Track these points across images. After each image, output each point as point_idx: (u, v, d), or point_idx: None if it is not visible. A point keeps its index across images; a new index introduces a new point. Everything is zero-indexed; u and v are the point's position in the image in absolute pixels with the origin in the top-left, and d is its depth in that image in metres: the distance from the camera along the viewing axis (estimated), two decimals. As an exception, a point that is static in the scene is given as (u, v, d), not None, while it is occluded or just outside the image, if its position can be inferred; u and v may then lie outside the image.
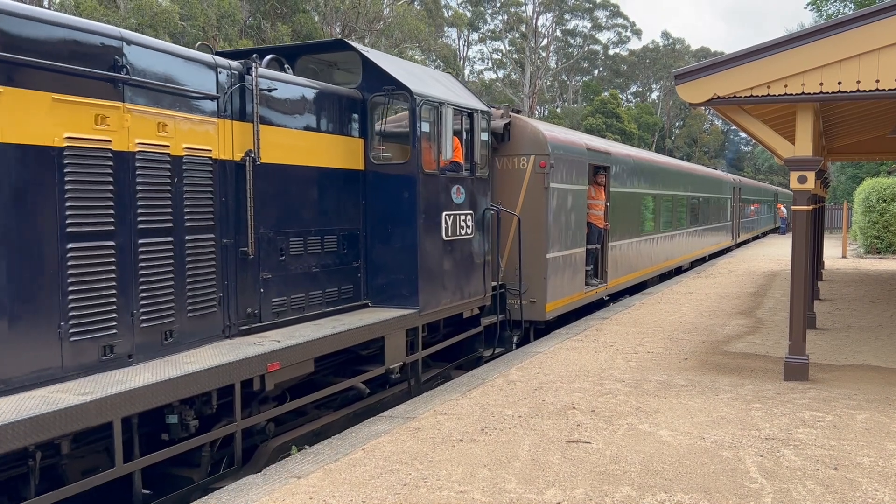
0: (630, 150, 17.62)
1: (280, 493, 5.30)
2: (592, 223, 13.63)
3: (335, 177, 8.07)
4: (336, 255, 8.14)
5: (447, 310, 9.15)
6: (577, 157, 12.59)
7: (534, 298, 11.43)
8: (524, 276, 11.05)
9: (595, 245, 13.83)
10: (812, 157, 8.45)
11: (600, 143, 15.06)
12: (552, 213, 11.59)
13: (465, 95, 9.79)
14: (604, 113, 60.97)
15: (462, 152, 9.33)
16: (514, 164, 11.52)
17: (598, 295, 14.18)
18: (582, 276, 13.09)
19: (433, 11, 50.50)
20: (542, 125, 12.03)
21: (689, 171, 23.41)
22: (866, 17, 7.65)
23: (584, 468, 5.80)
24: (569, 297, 12.52)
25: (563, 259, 12.11)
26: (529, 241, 11.24)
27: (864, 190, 30.15)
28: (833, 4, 36.32)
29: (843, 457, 6.08)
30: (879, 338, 11.40)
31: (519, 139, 11.52)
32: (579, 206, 12.82)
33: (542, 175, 11.34)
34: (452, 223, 9.03)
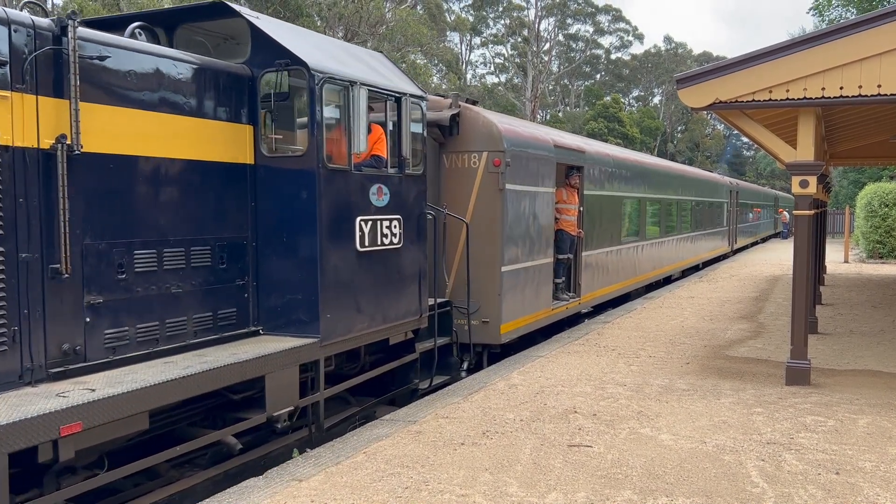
0: (609, 149, 15.88)
1: (281, 496, 5.31)
2: (564, 230, 12.27)
3: (210, 172, 6.41)
4: (211, 270, 6.44)
5: (363, 337, 7.45)
6: (541, 155, 11.11)
7: (486, 318, 9.85)
8: (474, 292, 9.62)
9: (567, 255, 12.39)
10: (814, 161, 8.45)
11: (572, 140, 13.31)
12: (508, 219, 10.07)
13: (393, 77, 8.12)
14: (606, 117, 60.99)
15: (386, 145, 7.81)
16: (464, 162, 9.95)
17: (569, 311, 12.68)
18: (549, 290, 11.64)
19: (436, 16, 50.57)
20: (496, 117, 10.46)
21: (679, 172, 21.92)
22: (868, 21, 7.66)
23: (586, 472, 5.80)
24: (531, 316, 10.99)
25: (523, 272, 10.58)
26: (481, 251, 9.78)
27: (866, 195, 30.14)
28: (835, 9, 36.34)
29: (845, 461, 6.07)
30: (881, 342, 11.38)
31: (469, 133, 9.93)
32: (545, 210, 11.34)
33: (495, 175, 9.80)
34: (371, 230, 7.37)
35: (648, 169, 17.97)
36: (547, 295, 11.59)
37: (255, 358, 6.13)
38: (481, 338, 10.00)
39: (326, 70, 6.82)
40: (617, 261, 15.23)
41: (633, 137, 60.60)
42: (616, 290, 15.38)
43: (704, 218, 24.77)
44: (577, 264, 12.92)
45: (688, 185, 22.18)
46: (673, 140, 79.13)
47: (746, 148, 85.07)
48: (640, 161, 17.73)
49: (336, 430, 7.49)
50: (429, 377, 9.00)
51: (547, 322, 11.66)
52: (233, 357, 6.04)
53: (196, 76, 6.31)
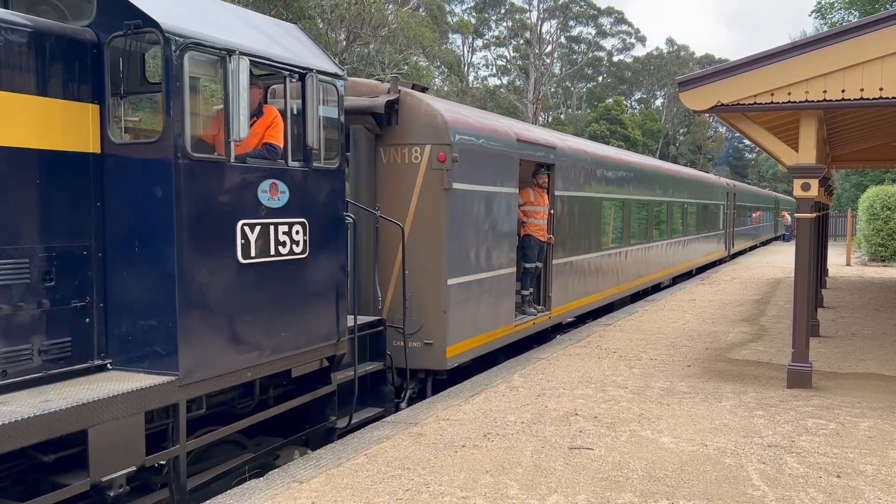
0: (587, 145, 14.27)
1: (282, 498, 5.31)
2: (531, 236, 11.02)
3: (29, 163, 5.03)
4: (29, 289, 5.01)
5: (247, 372, 5.85)
6: (500, 150, 9.74)
7: (429, 339, 8.55)
8: (414, 308, 8.47)
9: (535, 263, 11.16)
10: (816, 164, 8.46)
11: (540, 134, 11.74)
12: (456, 224, 8.71)
13: (300, 50, 6.61)
14: (608, 119, 60.99)
15: (284, 131, 6.34)
16: (403, 157, 8.60)
17: (537, 327, 11.31)
18: (511, 304, 10.29)
19: (438, 18, 50.61)
20: (443, 104, 9.07)
21: (669, 172, 20.38)
22: (870, 25, 7.67)
23: (587, 475, 5.80)
24: (487, 335, 9.60)
25: (476, 284, 9.28)
26: (422, 261, 8.50)
27: (868, 197, 30.12)
28: (838, 12, 36.34)
29: (846, 465, 6.07)
30: (883, 346, 11.38)
31: (410, 123, 8.58)
32: (505, 213, 9.99)
33: (440, 172, 8.48)
34: (261, 238, 5.88)
35: (634, 168, 16.62)
36: (508, 310, 10.21)
37: (70, 408, 4.57)
38: (423, 362, 8.62)
39: (189, 34, 5.34)
40: (596, 269, 13.85)
41: (635, 140, 60.61)
42: (595, 301, 13.99)
43: (698, 221, 23.45)
44: (547, 274, 11.61)
45: (679, 186, 20.88)
46: (675, 142, 79.12)
47: (748, 150, 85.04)
48: (623, 160, 16.27)
49: (221, 481, 6.11)
50: (352, 413, 7.41)
51: (509, 340, 10.33)
52: (38, 407, 4.50)
53: (11, 39, 4.91)
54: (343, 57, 36.75)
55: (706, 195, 24.69)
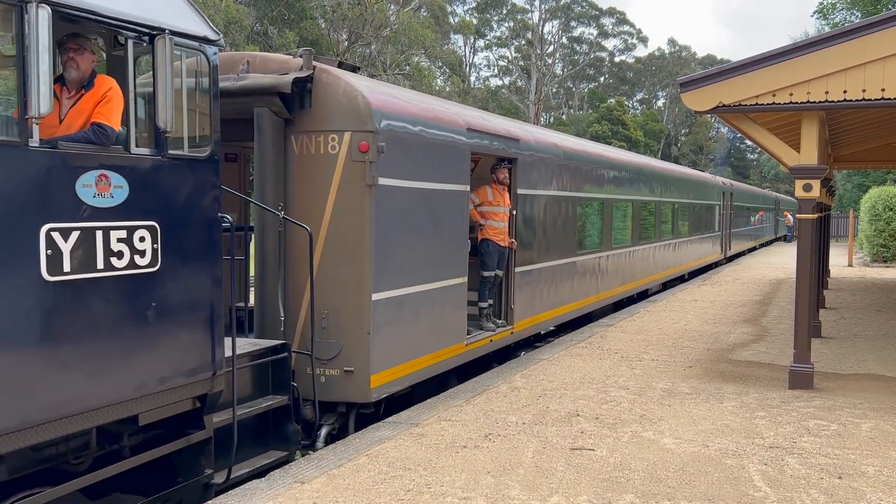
0: (558, 138, 12.62)
1: (284, 498, 5.32)
2: (490, 240, 9.63)
3: None
4: None
5: (60, 425, 4.43)
6: (443, 140, 8.34)
7: (350, 366, 7.12)
8: (332, 328, 7.13)
9: (493, 272, 9.75)
10: (817, 165, 8.45)
11: (500, 124, 10.18)
12: (384, 227, 7.30)
13: (150, 4, 5.11)
14: (610, 120, 61.02)
15: (125, 110, 4.94)
16: (318, 147, 7.20)
17: (495, 344, 9.83)
18: (461, 320, 8.88)
19: (439, 18, 50.66)
20: (367, 83, 7.65)
21: (658, 170, 18.82)
22: (872, 26, 7.67)
23: (588, 475, 5.80)
24: (429, 358, 8.21)
25: (412, 299, 7.85)
26: (341, 272, 7.16)
27: (870, 198, 30.11)
28: (839, 13, 36.33)
29: (848, 466, 6.07)
30: (885, 347, 11.37)
31: (326, 106, 7.17)
32: (452, 215, 8.59)
33: (362, 165, 7.06)
34: (80, 246, 4.52)
35: (616, 165, 15.05)
36: (458, 326, 8.81)
37: None
38: (342, 393, 7.19)
39: None
40: (570, 276, 12.43)
41: (636, 140, 60.62)
42: (568, 312, 12.57)
43: (691, 222, 21.99)
44: (509, 283, 10.18)
45: (669, 185, 19.40)
46: (677, 143, 79.12)
47: (750, 151, 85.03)
48: (603, 155, 14.62)
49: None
50: (246, 461, 6.23)
51: (460, 362, 8.93)
52: None
53: None
54: (345, 58, 36.79)
55: (700, 195, 23.31)
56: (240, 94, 7.01)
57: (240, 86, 7.03)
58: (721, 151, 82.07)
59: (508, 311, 10.27)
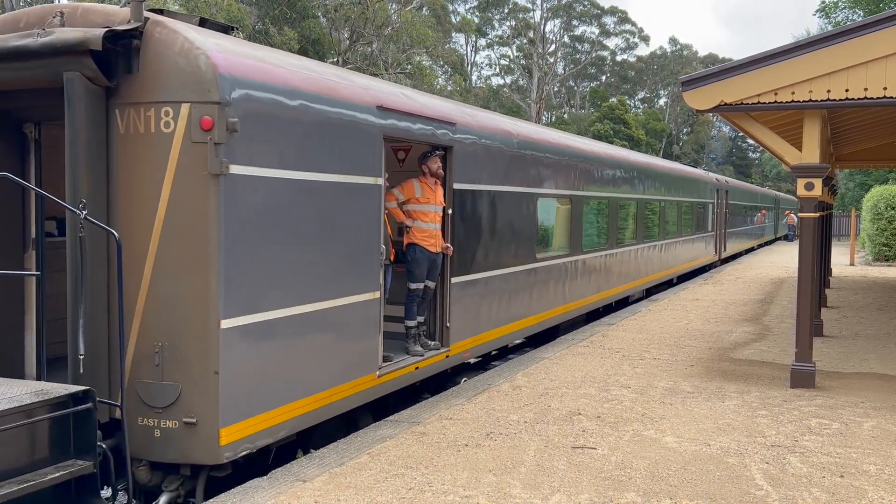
0: (511, 124, 10.73)
1: (285, 497, 5.32)
2: (418, 245, 8.11)
3: None
4: None
5: None
6: (341, 119, 6.66)
7: (191, 416, 5.47)
8: (168, 366, 5.51)
9: (422, 283, 8.22)
10: (819, 164, 8.45)
11: (427, 103, 8.39)
12: (241, 230, 5.66)
13: None
14: (611, 119, 60.98)
15: None
16: (147, 123, 5.56)
17: (424, 371, 8.23)
18: (371, 346, 7.21)
19: (441, 17, 50.64)
20: (215, 39, 5.79)
21: (640, 165, 17.03)
22: (874, 24, 7.66)
23: (590, 474, 5.80)
24: (318, 398, 6.48)
25: (290, 325, 6.17)
26: (178, 288, 5.53)
27: (872, 197, 30.09)
28: (841, 11, 36.30)
29: (850, 464, 6.06)
30: (887, 346, 11.36)
31: (157, 69, 5.55)
32: (357, 215, 6.95)
33: (204, 148, 5.46)
34: None
35: (589, 158, 13.28)
36: (367, 354, 7.16)
37: None
38: (181, 452, 5.53)
39: None
40: (529, 286, 10.78)
41: (638, 139, 60.60)
42: (526, 326, 10.86)
43: (680, 221, 20.47)
44: (443, 297, 8.63)
45: (655, 181, 17.82)
46: (678, 142, 79.09)
47: (752, 150, 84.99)
48: (571, 146, 12.78)
49: None
50: None
51: (369, 398, 7.28)
52: None
53: None
54: (346, 56, 36.81)
55: (691, 192, 21.78)
56: (43, 55, 5.43)
57: (42, 43, 5.42)
58: (720, 150, 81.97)
59: (443, 329, 8.61)
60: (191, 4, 30.12)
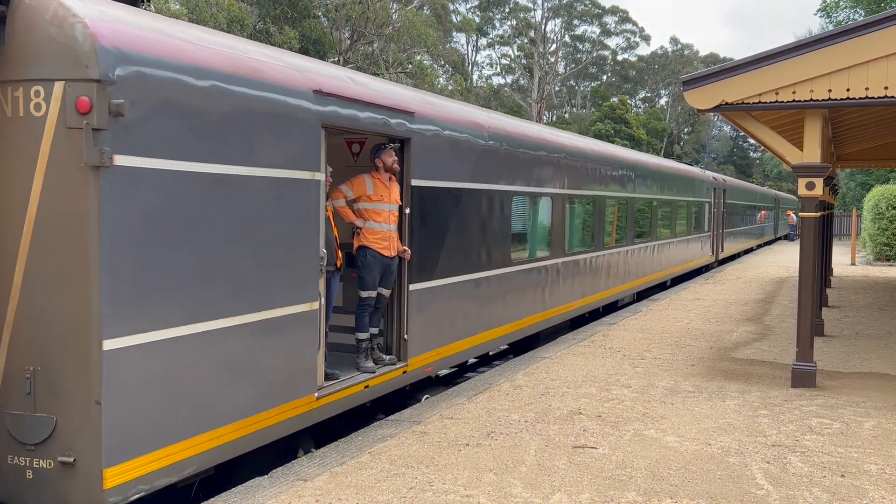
0: (481, 116, 9.76)
1: (286, 496, 5.33)
2: (370, 248, 7.36)
3: None
4: None
5: None
6: (267, 105, 5.81)
7: (68, 454, 4.67)
8: (40, 395, 4.76)
9: (373, 291, 7.45)
10: (820, 163, 8.44)
11: (377, 88, 7.49)
12: (130, 233, 4.85)
13: None
14: (612, 119, 60.98)
15: None
16: (16, 106, 4.79)
17: (376, 390, 7.39)
18: (308, 364, 6.34)
19: (442, 17, 50.64)
20: (99, 6, 4.91)
21: (630, 161, 16.07)
22: (875, 24, 7.66)
23: (590, 473, 5.81)
24: (238, 426, 5.63)
25: (196, 344, 5.28)
26: (50, 304, 4.74)
27: (873, 197, 30.08)
28: (843, 11, 36.28)
29: (851, 464, 6.06)
30: (888, 345, 11.36)
31: (26, 41, 4.76)
32: (289, 214, 6.09)
33: (80, 135, 4.64)
34: None
35: (572, 153, 12.42)
36: (302, 373, 6.27)
37: None
38: (57, 498, 4.73)
39: None
40: (503, 292, 9.95)
41: (639, 139, 60.60)
42: (500, 336, 10.04)
43: (674, 221, 19.67)
44: (400, 306, 7.81)
45: (647, 179, 17.03)
46: (679, 142, 79.08)
47: (753, 149, 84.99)
48: (552, 140, 11.80)
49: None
50: None
51: (307, 422, 6.40)
52: None
53: None
54: (347, 56, 36.82)
55: (686, 191, 20.95)
56: None
57: None
58: (720, 150, 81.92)
59: (400, 342, 7.81)
60: (191, 4, 30.14)
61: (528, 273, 10.81)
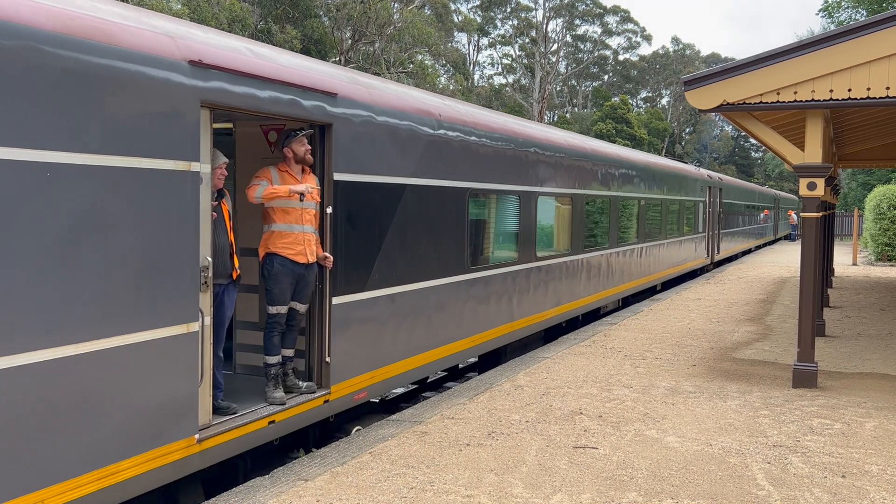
0: (431, 101, 8.56)
1: (287, 496, 5.33)
2: (277, 254, 6.30)
3: None
4: None
5: None
6: (115, 75, 4.66)
7: None
8: None
9: (282, 307, 6.36)
10: (822, 163, 8.44)
11: (285, 62, 6.26)
12: None
13: None
14: (614, 118, 60.97)
15: None
16: None
17: (285, 426, 6.23)
18: (189, 401, 5.24)
19: (443, 16, 50.63)
20: None
21: (613, 157, 14.81)
22: (877, 24, 7.65)
23: (591, 473, 5.80)
24: (88, 480, 4.54)
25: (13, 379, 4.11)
26: None
27: (875, 197, 30.05)
28: (845, 11, 36.26)
29: (852, 465, 6.06)
30: (889, 345, 11.35)
31: None
32: (147, 214, 4.86)
33: None
34: None
35: (543, 146, 11.21)
36: (177, 412, 5.12)
37: None
38: None
39: None
40: (460, 302, 8.91)
41: (640, 139, 60.58)
42: (455, 353, 8.90)
43: (665, 222, 18.64)
44: (321, 324, 6.66)
45: (634, 177, 16.00)
46: (681, 142, 79.05)
47: (755, 149, 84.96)
48: (519, 132, 10.60)
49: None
50: None
51: (190, 469, 5.29)
52: None
53: None
54: (349, 56, 36.82)
55: (678, 189, 19.88)
56: None
57: None
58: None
59: (321, 366, 6.67)
60: (192, 4, 30.15)
61: (491, 280, 9.69)
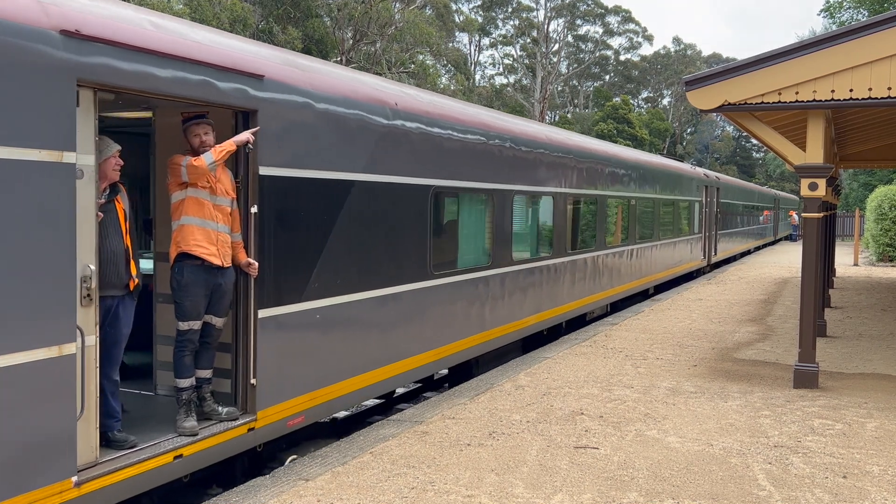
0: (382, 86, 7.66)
1: (288, 496, 5.33)
2: (190, 254, 5.50)
3: None
4: None
5: None
6: None
7: None
8: None
9: (193, 322, 5.55)
10: (823, 164, 8.43)
11: (196, 37, 5.38)
12: None
13: None
14: (615, 118, 60.93)
15: None
16: None
17: (194, 461, 5.36)
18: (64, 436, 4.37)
19: (444, 16, 50.63)
20: None
21: (601, 154, 13.97)
22: (878, 24, 7.64)
23: (592, 474, 5.80)
24: None
25: None
26: None
27: (876, 197, 30.03)
28: (846, 11, 36.24)
29: (853, 465, 6.06)
30: (891, 346, 11.34)
31: None
32: (12, 216, 4.08)
33: None
34: None
35: (519, 140, 10.34)
36: (48, 451, 4.28)
37: None
38: None
39: None
40: (420, 311, 8.10)
41: (642, 139, 60.56)
42: (417, 367, 8.11)
43: (657, 222, 17.78)
44: (247, 339, 5.84)
45: (623, 175, 15.19)
46: (682, 142, 79.03)
47: (756, 150, 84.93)
48: (491, 124, 9.71)
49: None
50: None
51: None
52: None
53: None
54: (350, 55, 36.82)
55: (672, 189, 19.10)
56: None
57: None
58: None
59: (245, 389, 5.86)
60: (193, 4, 30.16)
61: (460, 287, 8.88)
